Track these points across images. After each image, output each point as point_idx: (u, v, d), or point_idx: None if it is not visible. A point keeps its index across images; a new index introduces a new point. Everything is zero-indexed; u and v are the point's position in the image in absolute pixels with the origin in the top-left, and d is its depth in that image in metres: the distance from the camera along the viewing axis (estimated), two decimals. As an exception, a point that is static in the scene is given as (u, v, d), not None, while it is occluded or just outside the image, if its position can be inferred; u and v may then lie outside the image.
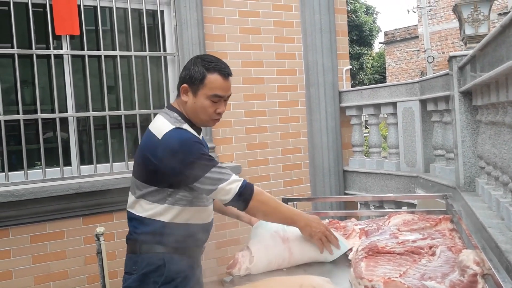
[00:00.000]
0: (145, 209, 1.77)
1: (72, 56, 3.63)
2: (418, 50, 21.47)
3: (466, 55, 2.58)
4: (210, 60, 1.78)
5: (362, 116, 4.76)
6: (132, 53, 3.82)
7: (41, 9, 3.54)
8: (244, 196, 1.69)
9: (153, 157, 1.68)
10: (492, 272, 1.25)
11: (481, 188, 2.46)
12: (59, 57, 3.58)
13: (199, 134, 1.86)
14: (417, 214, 2.00)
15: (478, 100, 2.45)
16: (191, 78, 1.76)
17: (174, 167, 1.66)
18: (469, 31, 4.23)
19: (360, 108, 4.48)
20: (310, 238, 1.75)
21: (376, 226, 1.92)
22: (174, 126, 1.72)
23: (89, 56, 3.67)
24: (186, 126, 1.76)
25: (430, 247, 1.67)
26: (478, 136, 2.60)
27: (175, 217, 1.77)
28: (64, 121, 3.60)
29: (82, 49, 3.68)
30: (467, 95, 2.70)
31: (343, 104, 4.63)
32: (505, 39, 1.53)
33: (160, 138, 1.69)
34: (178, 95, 1.84)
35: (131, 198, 1.82)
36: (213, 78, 1.75)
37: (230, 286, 1.63)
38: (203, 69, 1.75)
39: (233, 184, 1.68)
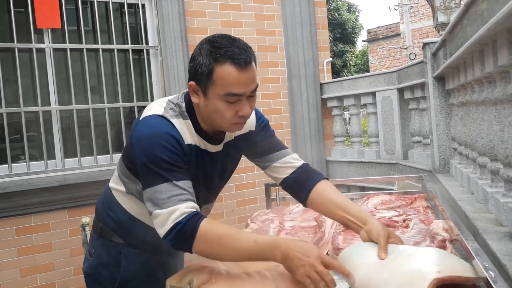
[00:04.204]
0: (114, 182, 1.57)
1: (54, 50, 3.64)
2: (400, 48, 21.79)
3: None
4: (220, 45, 1.28)
5: (346, 113, 4.83)
6: (114, 46, 3.84)
7: (22, 4, 3.54)
8: (182, 238, 1.23)
9: (131, 137, 1.41)
10: (460, 237, 1.32)
11: (454, 169, 2.56)
12: (41, 51, 3.59)
13: (212, 141, 1.45)
14: (394, 195, 2.09)
15: (450, 83, 2.55)
16: (197, 74, 1.30)
17: (136, 156, 1.35)
18: (441, 18, 4.35)
19: (341, 99, 4.57)
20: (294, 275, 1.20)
21: (355, 206, 1.99)
22: (159, 113, 1.36)
23: (71, 49, 3.68)
24: (177, 121, 1.37)
25: (404, 221, 1.76)
26: (451, 119, 2.69)
27: (130, 208, 1.54)
28: (48, 114, 3.61)
29: (64, 43, 3.69)
30: (440, 80, 2.80)
31: (325, 96, 4.72)
32: (469, 17, 1.62)
33: (140, 119, 1.39)
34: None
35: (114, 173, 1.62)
36: (224, 72, 1.26)
37: None
38: (210, 59, 1.28)
39: (170, 217, 1.23)
